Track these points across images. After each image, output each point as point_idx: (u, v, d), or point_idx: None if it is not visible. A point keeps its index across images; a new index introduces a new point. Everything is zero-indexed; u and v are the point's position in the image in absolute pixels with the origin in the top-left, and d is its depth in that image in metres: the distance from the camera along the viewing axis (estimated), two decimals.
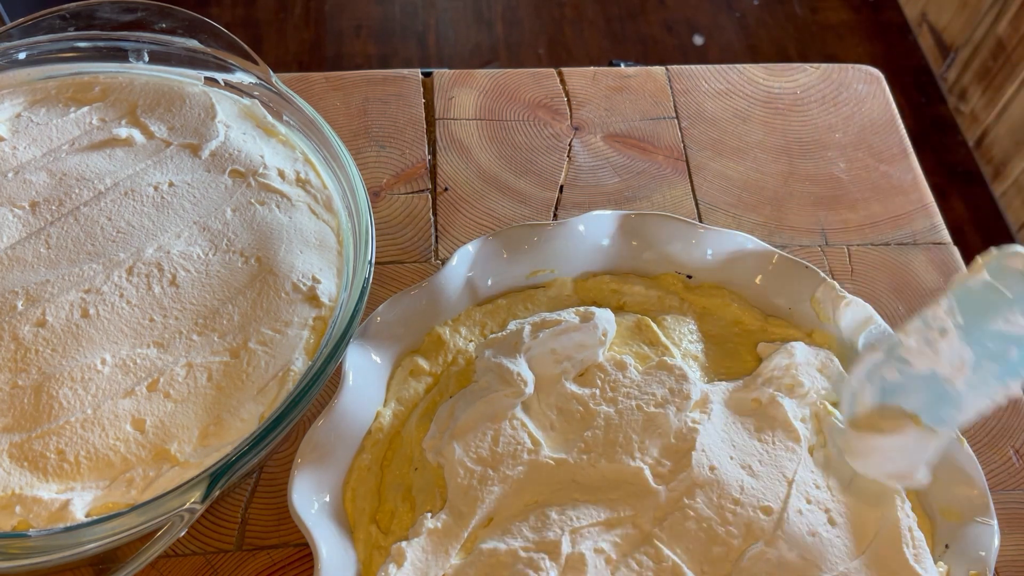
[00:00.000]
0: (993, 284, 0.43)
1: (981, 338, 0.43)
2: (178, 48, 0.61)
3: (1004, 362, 0.43)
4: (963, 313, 0.44)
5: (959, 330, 0.44)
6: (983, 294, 0.43)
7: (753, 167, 0.70)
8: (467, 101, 0.72)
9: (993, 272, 0.43)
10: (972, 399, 0.44)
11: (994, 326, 0.43)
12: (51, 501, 0.45)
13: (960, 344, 0.44)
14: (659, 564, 0.47)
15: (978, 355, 0.44)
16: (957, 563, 0.48)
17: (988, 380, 0.44)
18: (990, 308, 0.43)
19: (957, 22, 1.78)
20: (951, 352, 0.44)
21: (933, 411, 0.45)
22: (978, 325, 0.44)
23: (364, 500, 0.50)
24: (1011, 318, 0.42)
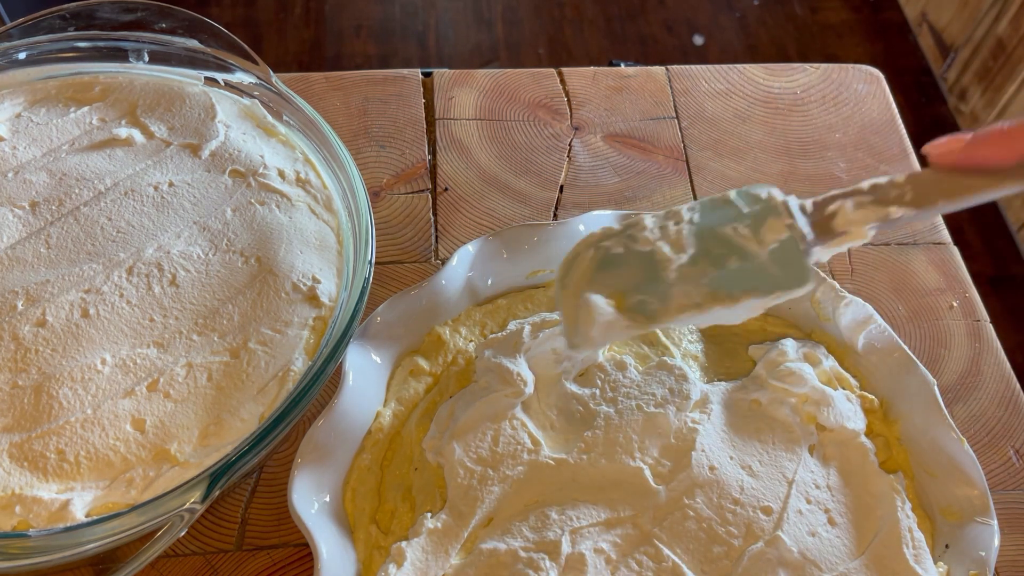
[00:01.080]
0: (734, 200, 0.45)
1: (708, 237, 0.44)
2: (178, 48, 0.61)
3: (720, 268, 0.43)
4: (702, 214, 0.45)
5: (692, 226, 0.45)
6: (724, 206, 0.45)
7: (753, 167, 0.70)
8: (467, 101, 0.72)
9: (738, 192, 0.45)
10: (678, 294, 0.44)
11: (723, 232, 0.44)
12: (51, 501, 0.45)
13: (687, 236, 0.44)
14: (659, 564, 0.47)
15: (701, 251, 0.44)
16: (957, 563, 0.48)
17: (698, 280, 0.43)
18: (725, 217, 0.44)
19: (957, 22, 1.78)
20: (676, 238, 0.44)
21: (638, 293, 0.44)
22: (710, 228, 0.44)
23: (364, 500, 0.50)
24: (740, 230, 0.43)
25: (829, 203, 0.43)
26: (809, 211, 0.44)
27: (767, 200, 0.44)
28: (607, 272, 0.45)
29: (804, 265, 0.43)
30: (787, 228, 0.43)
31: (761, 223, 0.43)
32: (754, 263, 0.43)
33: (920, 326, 0.63)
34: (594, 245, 0.46)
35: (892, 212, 0.42)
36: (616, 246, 0.45)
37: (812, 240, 0.43)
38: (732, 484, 0.49)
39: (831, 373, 0.54)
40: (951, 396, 0.60)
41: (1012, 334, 1.51)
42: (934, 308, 0.64)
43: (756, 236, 0.43)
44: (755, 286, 0.43)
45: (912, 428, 0.53)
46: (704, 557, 0.47)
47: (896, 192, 0.42)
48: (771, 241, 0.43)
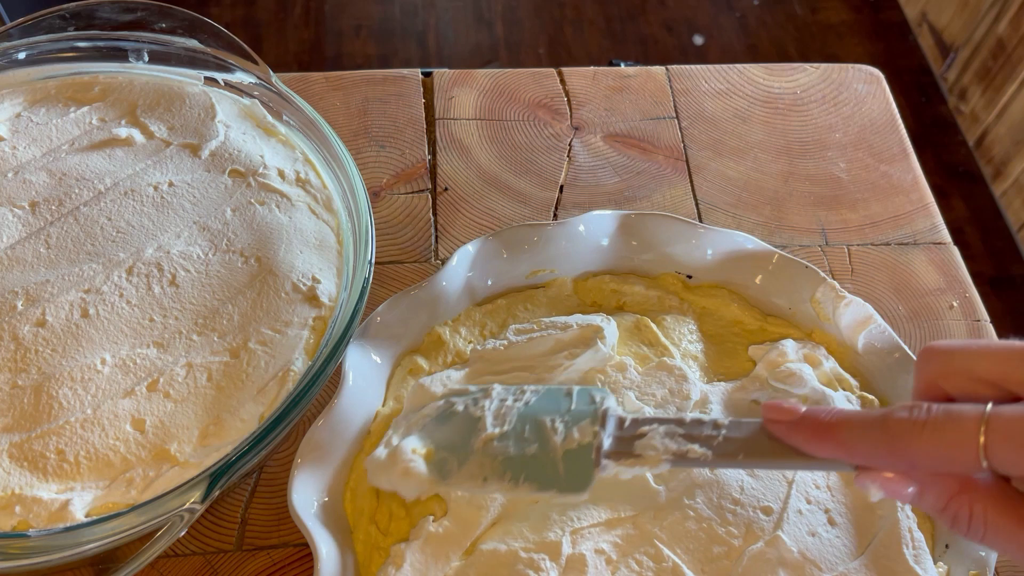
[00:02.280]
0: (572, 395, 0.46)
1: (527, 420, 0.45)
2: (178, 48, 0.61)
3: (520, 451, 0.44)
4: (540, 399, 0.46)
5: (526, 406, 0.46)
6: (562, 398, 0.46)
7: (753, 167, 0.70)
8: (467, 101, 0.72)
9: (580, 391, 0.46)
10: (473, 464, 0.45)
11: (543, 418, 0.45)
12: (51, 501, 0.45)
13: (513, 413, 0.45)
14: (659, 564, 0.47)
15: (514, 430, 0.45)
16: (957, 563, 0.48)
17: (496, 456, 0.44)
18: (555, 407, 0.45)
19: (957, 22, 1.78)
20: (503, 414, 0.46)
21: (446, 451, 0.45)
22: (537, 411, 0.45)
23: (364, 500, 0.50)
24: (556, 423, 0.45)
25: (645, 424, 0.44)
26: (625, 426, 0.44)
27: (595, 404, 0.45)
28: (439, 424, 0.47)
29: (588, 474, 0.43)
30: (592, 435, 0.44)
31: (576, 422, 0.44)
32: (548, 457, 0.44)
33: (920, 326, 0.63)
34: (446, 398, 0.48)
35: (691, 452, 0.43)
36: (459, 404, 0.47)
37: (607, 451, 0.44)
38: (732, 484, 0.49)
39: (831, 374, 0.54)
40: None
41: (1012, 334, 1.50)
42: (934, 308, 0.64)
43: (566, 433, 0.44)
44: (537, 477, 0.44)
45: None
46: (704, 557, 0.47)
47: (709, 433, 0.43)
48: (573, 442, 0.44)
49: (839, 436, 0.38)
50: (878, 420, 0.37)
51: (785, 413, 0.40)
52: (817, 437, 0.39)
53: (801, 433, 0.39)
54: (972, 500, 0.36)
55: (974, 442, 0.34)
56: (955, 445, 0.34)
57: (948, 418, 0.35)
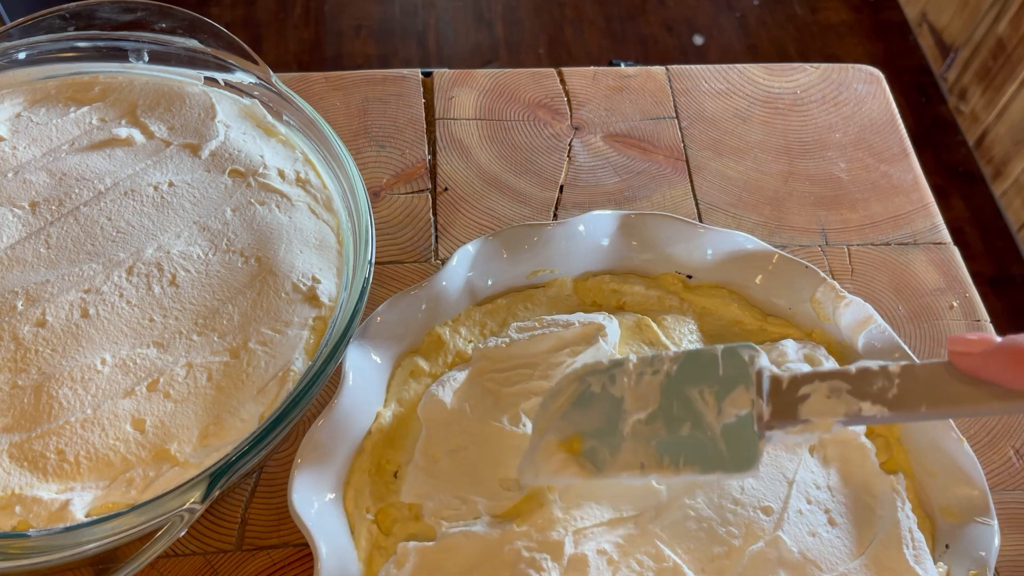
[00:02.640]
0: (717, 359, 0.42)
1: (673, 396, 0.42)
2: (178, 48, 0.61)
3: (673, 432, 0.41)
4: (681, 367, 0.43)
5: (667, 378, 0.43)
6: (707, 362, 0.42)
7: (753, 167, 0.70)
8: (467, 101, 0.72)
9: (725, 351, 0.42)
10: (627, 451, 0.42)
11: (689, 393, 0.42)
12: (51, 501, 0.45)
13: (656, 389, 0.42)
14: (659, 564, 0.46)
15: (660, 410, 0.42)
16: (957, 563, 0.48)
17: (650, 441, 0.42)
18: (700, 376, 0.42)
19: (957, 22, 1.78)
20: (646, 391, 0.43)
21: (595, 440, 0.43)
22: (682, 383, 0.42)
23: (364, 500, 0.50)
24: (706, 395, 0.41)
25: (806, 382, 0.40)
26: (784, 387, 0.40)
27: (745, 365, 0.41)
28: (579, 409, 0.44)
29: (754, 449, 0.40)
30: (750, 403, 0.40)
31: (728, 391, 0.41)
32: (705, 435, 0.41)
33: (920, 326, 0.63)
34: (579, 379, 0.45)
35: (864, 409, 0.38)
36: (596, 384, 0.44)
37: (769, 421, 0.40)
38: (733, 484, 0.49)
39: None
40: None
41: (1012, 334, 1.50)
42: (934, 308, 0.64)
43: (719, 405, 0.41)
44: (697, 460, 0.41)
45: (912, 428, 0.53)
46: (704, 557, 0.47)
47: (881, 385, 0.39)
48: (730, 414, 0.40)
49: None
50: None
51: (977, 344, 0.35)
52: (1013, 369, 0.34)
53: (1000, 362, 0.34)
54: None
55: None
56: None
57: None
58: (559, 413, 0.45)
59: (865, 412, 0.38)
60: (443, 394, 0.51)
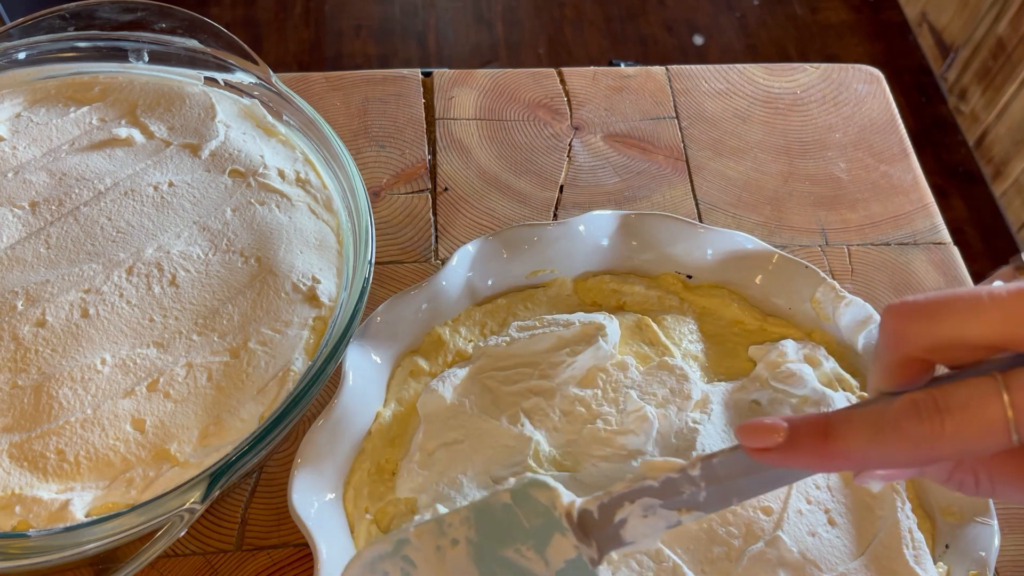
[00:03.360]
0: (513, 509, 0.40)
1: (492, 563, 0.39)
2: (178, 48, 0.61)
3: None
4: (479, 529, 0.40)
5: (471, 546, 0.39)
6: (503, 517, 0.40)
7: (753, 167, 0.70)
8: (467, 101, 0.72)
9: (516, 497, 0.40)
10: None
11: (507, 555, 0.39)
12: (51, 501, 0.45)
13: (468, 562, 0.39)
14: (659, 564, 0.47)
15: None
16: (957, 563, 0.48)
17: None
18: (506, 534, 0.39)
19: (957, 22, 1.78)
20: (457, 567, 0.39)
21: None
22: (492, 548, 0.39)
23: (364, 500, 0.50)
24: (524, 552, 0.39)
25: (617, 508, 0.38)
26: (597, 517, 0.39)
27: (548, 510, 0.39)
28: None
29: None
30: (574, 548, 0.38)
31: (546, 543, 0.39)
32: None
33: None
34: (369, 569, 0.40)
35: (684, 519, 0.38)
36: (394, 570, 0.40)
37: (600, 557, 0.39)
38: None
39: (831, 374, 0.54)
40: None
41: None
42: None
43: (542, 558, 0.38)
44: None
45: None
46: (704, 557, 0.47)
47: (689, 492, 0.37)
48: (559, 563, 0.38)
49: (844, 449, 0.33)
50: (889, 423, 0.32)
51: (766, 434, 0.34)
52: (818, 455, 0.33)
53: (798, 455, 0.34)
54: (974, 466, 0.34)
55: (1003, 421, 0.30)
56: (983, 432, 0.30)
57: (965, 405, 0.30)
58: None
59: (685, 520, 0.38)
60: (443, 389, 0.51)
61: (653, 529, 0.38)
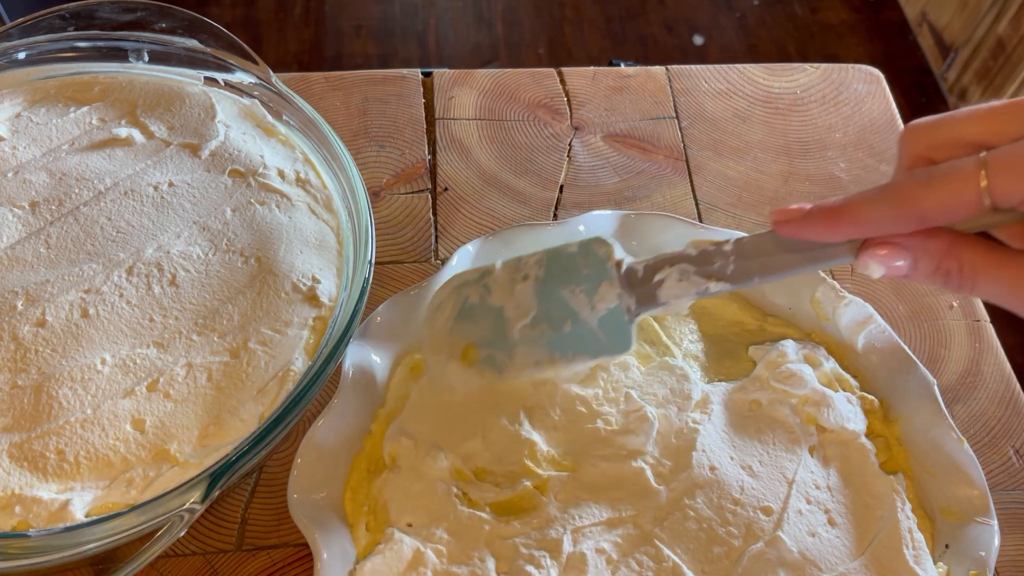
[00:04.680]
0: (577, 257, 0.47)
1: (549, 299, 0.46)
2: (178, 48, 0.61)
3: (558, 332, 0.46)
4: (547, 269, 0.47)
5: (537, 282, 0.47)
6: (568, 262, 0.47)
7: (753, 167, 0.70)
8: (467, 101, 0.72)
9: (581, 248, 0.47)
10: (522, 353, 0.47)
11: (563, 293, 0.46)
12: (51, 501, 0.45)
13: (531, 295, 0.46)
14: (659, 564, 0.47)
15: (540, 312, 0.46)
16: (957, 563, 0.48)
17: (539, 341, 0.46)
18: (567, 276, 0.46)
19: (957, 22, 1.78)
20: (523, 298, 0.47)
21: (488, 348, 0.47)
22: (552, 286, 0.46)
23: (364, 500, 0.50)
24: (577, 293, 0.46)
25: (658, 270, 0.45)
26: (640, 276, 0.45)
27: (603, 261, 0.46)
28: (465, 322, 0.48)
29: (628, 334, 0.45)
30: (616, 297, 0.45)
31: (595, 288, 0.45)
32: (585, 328, 0.46)
33: (920, 326, 0.63)
34: (455, 291, 0.49)
35: (711, 287, 0.44)
36: (473, 295, 0.48)
37: (636, 310, 0.45)
38: (732, 484, 0.49)
39: (831, 375, 0.54)
40: (951, 396, 0.60)
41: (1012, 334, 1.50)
42: (934, 308, 0.64)
43: (590, 301, 0.45)
44: (584, 349, 0.46)
45: (912, 428, 0.53)
46: (704, 557, 0.47)
47: (720, 264, 0.43)
48: (602, 308, 0.45)
49: (851, 214, 0.39)
50: (884, 189, 0.38)
51: (793, 212, 0.41)
52: (830, 222, 0.39)
53: (813, 224, 0.40)
54: (960, 254, 0.38)
55: (975, 183, 0.36)
56: (959, 190, 0.36)
57: (948, 169, 0.37)
58: (447, 329, 0.48)
59: (712, 289, 0.44)
60: None
61: (684, 292, 0.44)
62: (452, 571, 0.46)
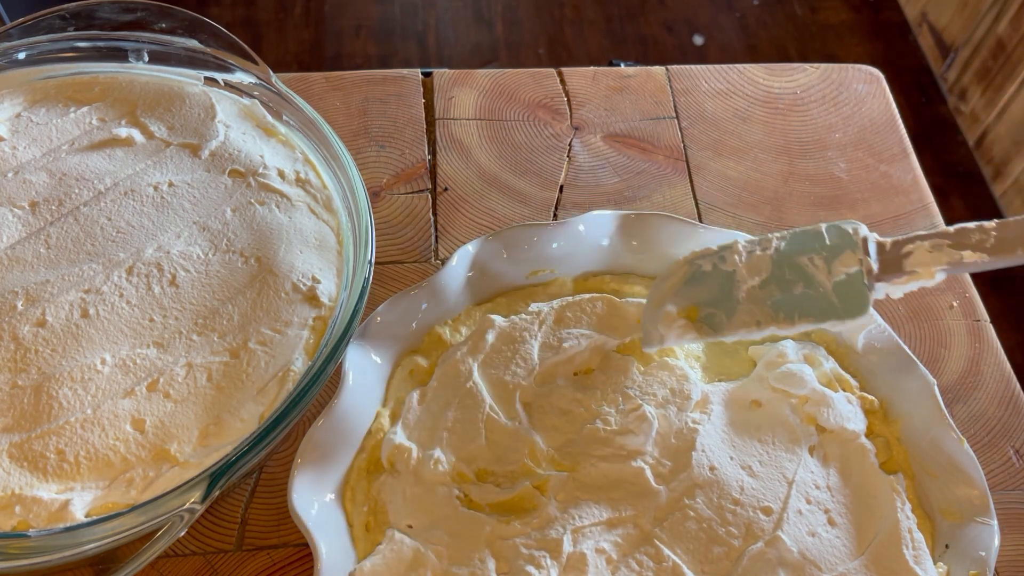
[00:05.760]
0: (822, 232, 0.47)
1: (784, 264, 0.47)
2: (178, 48, 0.61)
3: (787, 293, 0.46)
4: (789, 243, 0.48)
5: (776, 252, 0.47)
6: (812, 235, 0.48)
7: (753, 167, 0.70)
8: (467, 101, 0.72)
9: (829, 227, 0.47)
10: (743, 313, 0.47)
11: (799, 260, 0.47)
12: (51, 501, 0.45)
13: (767, 260, 0.47)
14: (659, 564, 0.47)
15: (773, 275, 0.47)
16: (957, 563, 0.48)
17: (765, 302, 0.47)
18: (808, 247, 0.47)
19: (957, 22, 1.78)
20: (758, 263, 0.48)
21: (711, 307, 0.48)
22: (791, 254, 0.47)
23: (363, 500, 0.50)
24: (816, 260, 0.46)
25: (908, 243, 0.45)
26: (887, 249, 0.45)
27: (851, 235, 0.46)
28: (692, 286, 0.49)
29: (864, 297, 0.45)
30: (858, 262, 0.45)
31: (836, 255, 0.46)
32: (817, 291, 0.46)
33: (920, 326, 0.63)
34: (689, 263, 0.50)
35: (966, 257, 0.43)
36: (706, 264, 0.49)
37: (878, 275, 0.45)
38: (732, 484, 0.49)
39: (831, 375, 0.54)
40: (951, 396, 0.60)
41: (1012, 334, 1.51)
42: (934, 308, 0.64)
43: (828, 267, 0.46)
44: (812, 312, 0.46)
45: (912, 428, 0.53)
46: (704, 557, 0.47)
47: (979, 237, 0.43)
48: (840, 273, 0.45)
49: None
50: None
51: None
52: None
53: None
54: None
55: None
56: None
57: None
58: (673, 291, 0.49)
59: (967, 259, 0.43)
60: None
61: (935, 261, 0.43)
62: (452, 571, 0.46)
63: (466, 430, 0.50)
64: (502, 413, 0.51)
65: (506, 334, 0.53)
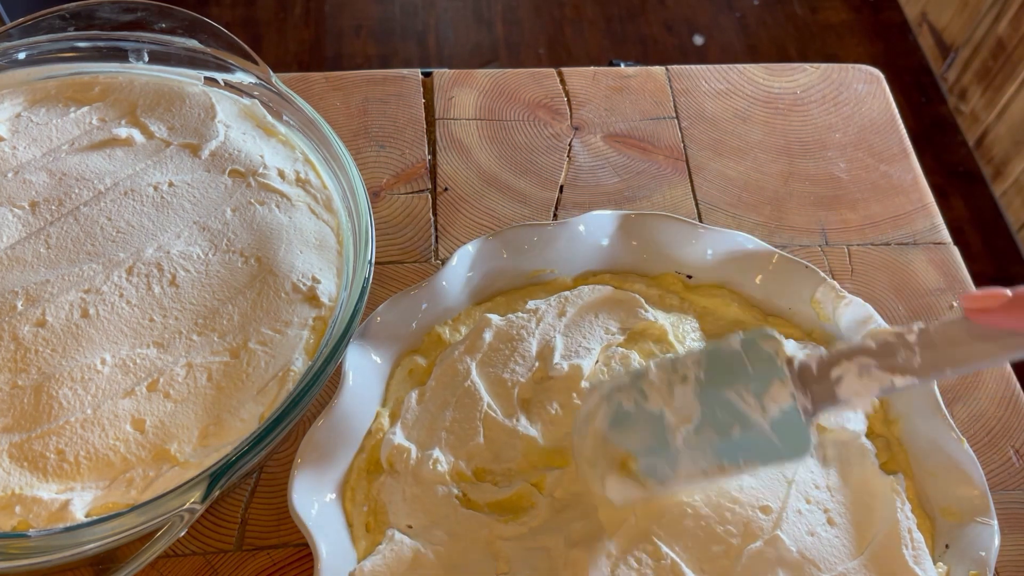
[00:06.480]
0: (741, 355, 0.43)
1: (713, 403, 0.43)
2: (178, 48, 0.61)
3: (725, 437, 0.43)
4: (707, 370, 0.44)
5: (698, 384, 0.43)
6: (731, 361, 0.43)
7: (753, 167, 0.70)
8: (467, 101, 0.72)
9: (745, 345, 0.43)
10: (686, 462, 0.43)
11: (728, 396, 0.43)
12: (51, 501, 0.45)
13: (693, 398, 0.43)
14: (658, 562, 0.46)
15: (705, 418, 0.43)
16: (957, 563, 0.48)
17: (705, 449, 0.43)
18: (731, 377, 0.43)
19: (957, 22, 1.78)
20: (683, 402, 0.43)
21: (649, 456, 0.44)
22: (716, 389, 0.43)
23: (363, 500, 0.50)
24: (744, 395, 0.42)
25: (834, 365, 0.42)
26: (816, 372, 0.42)
27: (772, 359, 0.43)
28: (619, 430, 0.45)
29: (805, 436, 0.42)
30: (790, 396, 0.42)
31: (764, 388, 0.42)
32: (756, 432, 0.42)
33: None
34: (606, 398, 0.46)
35: (896, 382, 0.41)
36: (627, 401, 0.45)
37: (814, 410, 0.42)
38: (731, 483, 0.49)
39: None
40: (951, 396, 0.60)
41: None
42: (934, 308, 0.64)
43: (760, 403, 0.42)
44: (756, 455, 0.43)
45: (912, 428, 0.53)
46: (703, 556, 0.47)
47: (904, 355, 0.41)
48: (774, 410, 0.42)
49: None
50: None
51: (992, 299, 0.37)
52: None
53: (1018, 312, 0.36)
54: None
55: None
56: None
57: None
58: (599, 437, 0.45)
59: (898, 384, 0.41)
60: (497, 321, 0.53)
61: (867, 389, 0.41)
62: (452, 572, 0.46)
63: (464, 429, 0.50)
64: (500, 411, 0.51)
65: (504, 332, 0.53)
